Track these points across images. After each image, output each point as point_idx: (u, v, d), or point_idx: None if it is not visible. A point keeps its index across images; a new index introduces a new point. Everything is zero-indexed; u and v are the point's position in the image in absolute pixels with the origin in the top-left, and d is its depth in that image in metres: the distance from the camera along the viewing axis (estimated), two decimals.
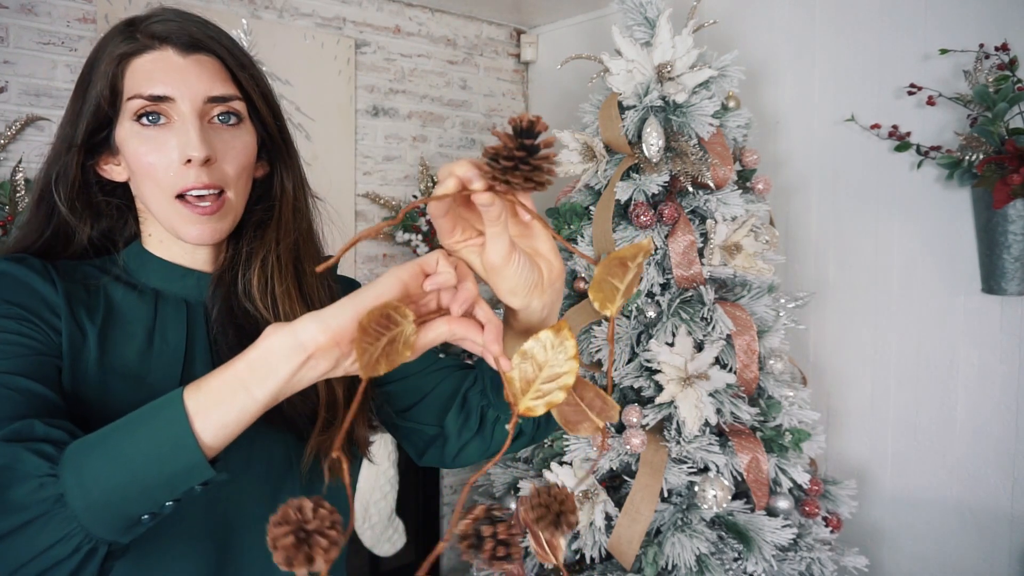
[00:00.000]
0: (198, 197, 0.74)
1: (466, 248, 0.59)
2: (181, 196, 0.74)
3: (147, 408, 0.58)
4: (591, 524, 1.67)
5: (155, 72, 0.73)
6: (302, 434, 0.79)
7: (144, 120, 0.74)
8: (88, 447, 0.57)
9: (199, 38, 0.77)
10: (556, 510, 0.58)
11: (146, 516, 0.58)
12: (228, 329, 0.80)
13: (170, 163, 0.73)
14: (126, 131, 0.74)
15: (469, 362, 0.89)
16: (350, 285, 0.91)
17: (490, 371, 0.80)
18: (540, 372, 0.56)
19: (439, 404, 0.85)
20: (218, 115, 0.76)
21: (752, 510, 1.73)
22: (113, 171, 0.79)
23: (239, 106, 0.78)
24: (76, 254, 0.79)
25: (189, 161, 0.73)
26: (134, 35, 0.75)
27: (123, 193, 0.81)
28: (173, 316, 0.79)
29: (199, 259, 0.81)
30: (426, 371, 0.86)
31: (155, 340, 0.76)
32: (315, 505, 0.51)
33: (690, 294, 1.71)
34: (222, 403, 0.56)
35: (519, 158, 0.51)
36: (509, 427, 0.64)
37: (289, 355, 0.54)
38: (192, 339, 0.79)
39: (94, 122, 0.75)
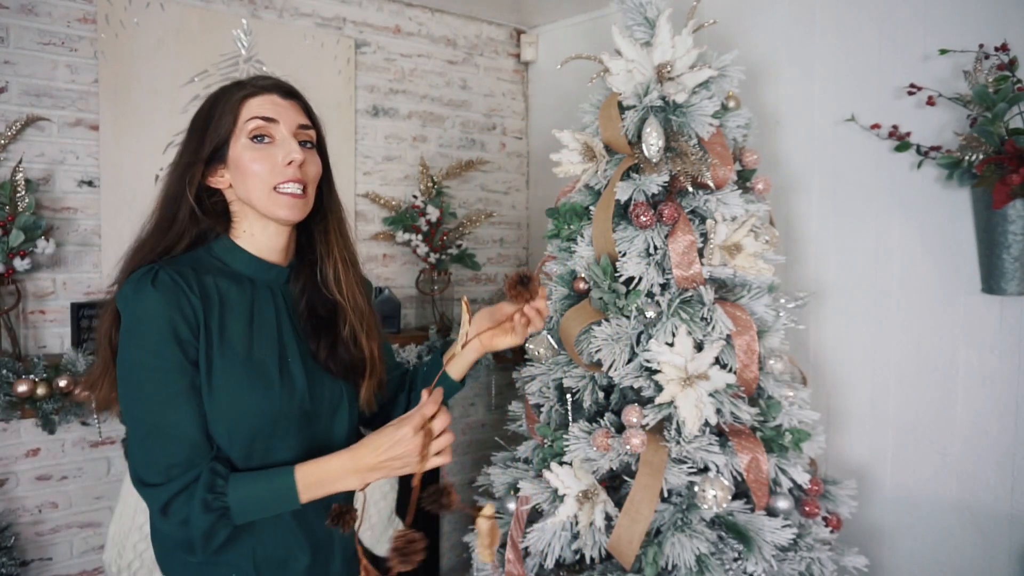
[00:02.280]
0: (291, 193, 1.10)
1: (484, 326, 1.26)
2: (275, 189, 1.10)
3: (274, 482, 1.05)
4: (591, 524, 1.67)
5: (266, 104, 1.11)
6: (356, 382, 1.22)
7: (256, 140, 1.10)
8: (243, 494, 1.03)
9: (291, 90, 1.16)
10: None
11: None
12: (306, 309, 1.18)
13: (274, 166, 1.09)
14: (241, 146, 1.10)
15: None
16: (366, 282, 1.31)
17: (423, 371, 1.37)
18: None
19: (394, 386, 1.39)
20: (301, 140, 1.13)
21: (752, 510, 1.73)
22: (218, 181, 1.13)
23: (313, 135, 1.17)
24: (183, 248, 1.11)
25: (290, 163, 1.09)
26: (245, 86, 1.12)
27: (219, 199, 1.15)
28: (263, 298, 1.14)
29: (275, 254, 1.16)
30: (393, 369, 1.38)
31: (255, 318, 1.11)
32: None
33: (690, 294, 1.70)
34: (312, 489, 1.06)
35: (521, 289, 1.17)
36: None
37: (357, 484, 1.08)
38: (278, 315, 1.14)
39: (217, 141, 1.10)
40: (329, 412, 1.18)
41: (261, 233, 1.15)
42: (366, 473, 1.06)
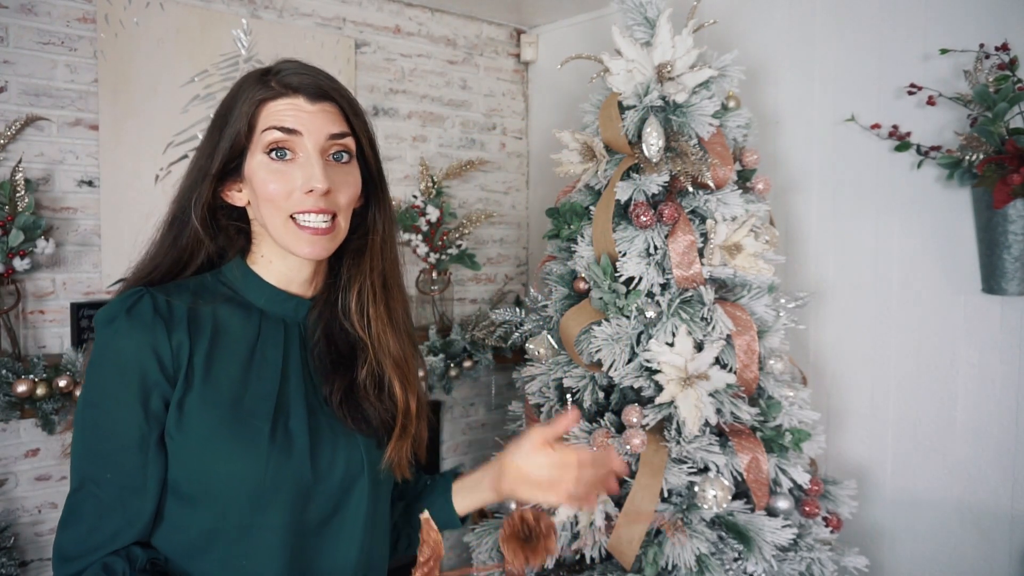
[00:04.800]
0: (314, 228, 0.89)
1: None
2: (292, 217, 0.89)
3: None
4: (591, 524, 1.67)
5: (288, 112, 0.89)
6: (380, 440, 0.97)
7: (273, 154, 0.89)
8: None
9: (325, 90, 0.92)
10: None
11: None
12: (322, 343, 0.96)
13: (292, 191, 0.88)
14: (256, 163, 0.89)
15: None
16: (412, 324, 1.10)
17: (428, 485, 1.12)
18: None
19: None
20: (333, 153, 0.91)
21: (752, 510, 1.73)
22: (235, 196, 0.94)
23: (351, 143, 0.93)
24: (196, 270, 0.94)
25: (311, 191, 0.88)
26: (269, 83, 0.90)
27: (239, 216, 0.96)
28: (273, 335, 0.93)
29: (296, 283, 0.97)
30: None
31: (256, 356, 0.91)
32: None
33: (690, 294, 1.70)
34: None
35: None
36: None
37: None
38: (287, 356, 0.94)
39: (229, 153, 0.90)
40: (341, 489, 0.93)
41: (281, 262, 0.95)
42: None
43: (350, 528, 0.94)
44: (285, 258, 0.95)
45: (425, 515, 0.93)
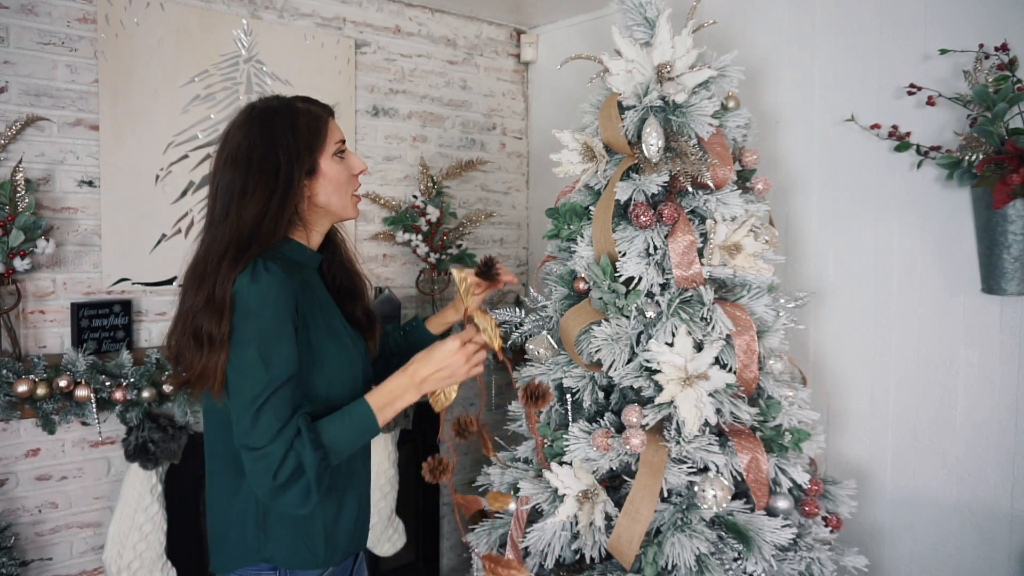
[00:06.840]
0: (359, 197, 1.43)
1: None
2: (353, 194, 1.41)
3: (353, 413, 1.27)
4: (591, 524, 1.67)
5: (336, 127, 1.38)
6: (372, 333, 1.52)
7: (339, 155, 1.37)
8: (333, 431, 1.25)
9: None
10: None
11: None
12: (339, 279, 1.48)
13: (351, 177, 1.40)
14: (329, 161, 1.35)
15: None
16: None
17: (400, 332, 1.69)
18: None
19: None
20: None
21: (752, 510, 1.73)
22: (304, 189, 1.33)
23: None
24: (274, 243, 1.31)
25: (360, 172, 1.41)
26: (315, 108, 1.36)
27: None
28: (316, 281, 1.40)
29: (315, 243, 1.40)
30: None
31: (317, 295, 1.36)
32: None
33: (690, 294, 1.70)
34: (384, 411, 1.29)
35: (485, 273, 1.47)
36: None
37: (415, 396, 1.31)
38: (326, 293, 1.41)
39: (312, 158, 1.32)
40: (365, 364, 1.45)
41: (322, 231, 1.41)
42: (420, 385, 1.28)
43: (367, 377, 1.46)
44: (326, 226, 1.41)
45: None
